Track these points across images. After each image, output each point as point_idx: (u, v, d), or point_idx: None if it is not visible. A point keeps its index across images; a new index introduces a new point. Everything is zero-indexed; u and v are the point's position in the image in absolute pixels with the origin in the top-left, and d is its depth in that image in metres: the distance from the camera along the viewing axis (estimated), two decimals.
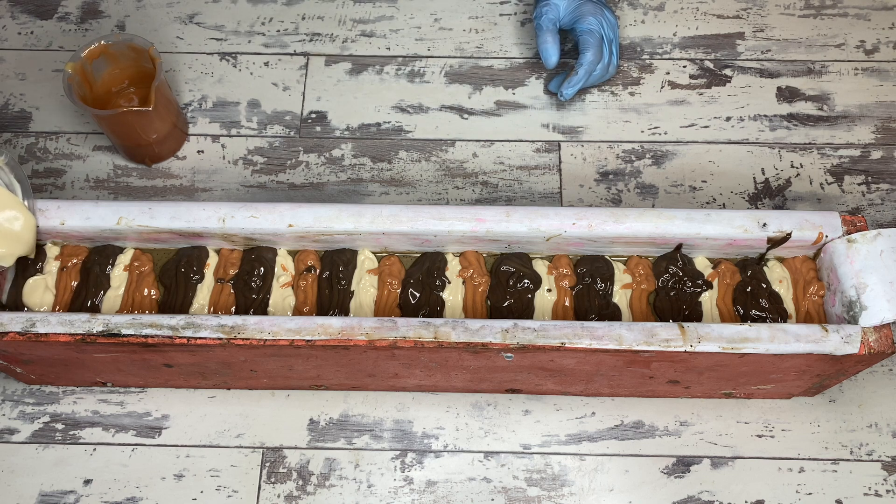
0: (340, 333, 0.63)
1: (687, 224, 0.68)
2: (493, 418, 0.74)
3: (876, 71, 0.89)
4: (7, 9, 0.93)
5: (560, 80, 0.85)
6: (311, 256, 0.70)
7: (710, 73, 0.89)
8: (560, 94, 0.83)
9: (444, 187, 0.84)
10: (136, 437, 0.73)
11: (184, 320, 0.63)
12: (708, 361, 0.64)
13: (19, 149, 0.85)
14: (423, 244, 0.70)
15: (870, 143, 0.85)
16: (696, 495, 0.71)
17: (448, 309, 0.69)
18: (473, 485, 0.72)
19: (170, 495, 0.71)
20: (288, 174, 0.84)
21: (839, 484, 0.71)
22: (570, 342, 0.62)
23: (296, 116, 0.87)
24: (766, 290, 0.69)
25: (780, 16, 0.92)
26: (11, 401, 0.75)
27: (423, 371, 0.68)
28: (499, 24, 0.92)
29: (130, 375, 0.71)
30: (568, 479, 0.72)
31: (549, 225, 0.67)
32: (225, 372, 0.70)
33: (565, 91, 0.82)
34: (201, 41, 0.91)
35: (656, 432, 0.74)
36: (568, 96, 0.82)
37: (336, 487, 0.72)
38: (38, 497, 0.71)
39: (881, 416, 0.74)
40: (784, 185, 0.83)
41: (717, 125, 0.86)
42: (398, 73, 0.89)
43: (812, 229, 0.67)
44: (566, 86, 0.82)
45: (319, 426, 0.74)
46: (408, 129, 0.87)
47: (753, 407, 0.74)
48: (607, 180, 0.84)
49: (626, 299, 0.70)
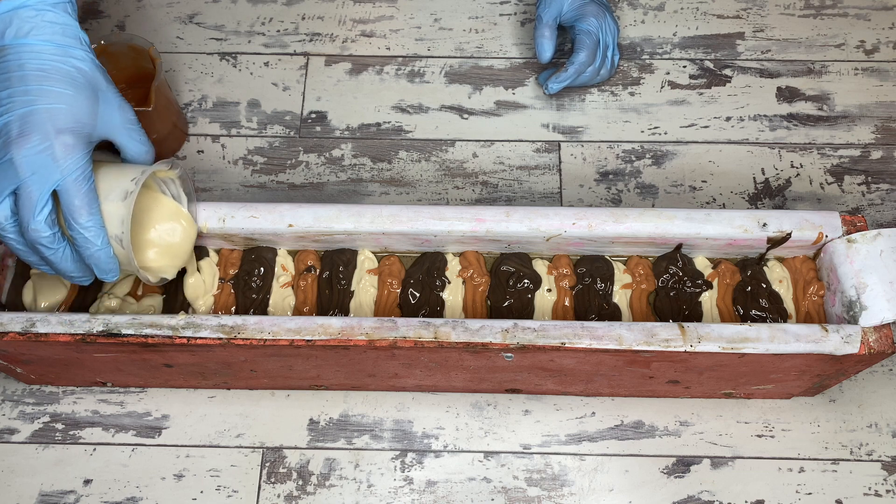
0: (340, 333, 0.63)
1: (687, 224, 0.68)
2: (493, 418, 0.74)
3: (876, 71, 0.89)
4: None
5: (549, 74, 0.86)
6: (311, 256, 0.70)
7: (710, 73, 0.89)
8: (546, 88, 0.84)
9: (444, 187, 0.84)
10: (136, 437, 0.73)
11: (184, 320, 0.63)
12: (708, 361, 0.64)
13: None
14: (423, 244, 0.70)
15: (870, 143, 0.85)
16: (696, 495, 0.71)
17: (448, 309, 0.69)
18: (473, 485, 0.72)
19: (170, 495, 0.71)
20: (288, 174, 0.84)
21: (839, 484, 0.71)
22: (570, 342, 0.62)
23: (296, 116, 0.87)
24: (766, 290, 0.69)
25: (780, 16, 0.92)
26: (11, 401, 0.75)
27: (423, 371, 0.68)
28: (499, 24, 0.92)
29: (130, 375, 0.71)
30: (568, 479, 0.72)
31: (549, 225, 0.67)
32: (225, 372, 0.70)
33: (551, 85, 0.83)
34: (201, 41, 0.91)
35: (656, 432, 0.74)
36: (552, 91, 0.84)
37: (336, 487, 0.72)
38: (38, 497, 0.71)
39: (881, 416, 0.74)
40: (784, 185, 0.83)
41: (717, 125, 0.86)
42: (398, 73, 0.89)
43: (812, 229, 0.67)
44: (553, 80, 0.83)
45: (319, 426, 0.74)
46: (408, 129, 0.87)
47: (753, 407, 0.74)
48: (607, 180, 0.84)
49: (626, 299, 0.70)
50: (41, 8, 0.58)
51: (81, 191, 0.57)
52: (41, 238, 0.57)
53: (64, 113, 0.57)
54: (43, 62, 0.58)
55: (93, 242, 0.58)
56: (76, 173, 0.57)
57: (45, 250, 0.58)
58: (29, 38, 0.58)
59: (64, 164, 0.56)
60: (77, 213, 0.57)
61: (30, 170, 0.56)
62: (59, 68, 0.58)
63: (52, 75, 0.58)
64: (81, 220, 0.57)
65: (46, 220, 0.57)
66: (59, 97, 0.57)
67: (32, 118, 0.56)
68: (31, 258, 0.60)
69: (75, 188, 0.57)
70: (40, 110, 0.57)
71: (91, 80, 0.60)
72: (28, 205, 0.56)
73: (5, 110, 0.57)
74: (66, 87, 0.58)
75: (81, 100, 0.58)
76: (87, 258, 0.59)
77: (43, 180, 0.56)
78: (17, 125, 0.56)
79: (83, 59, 0.59)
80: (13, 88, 0.57)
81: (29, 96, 0.57)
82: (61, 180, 0.56)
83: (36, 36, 0.58)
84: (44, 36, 0.58)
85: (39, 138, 0.56)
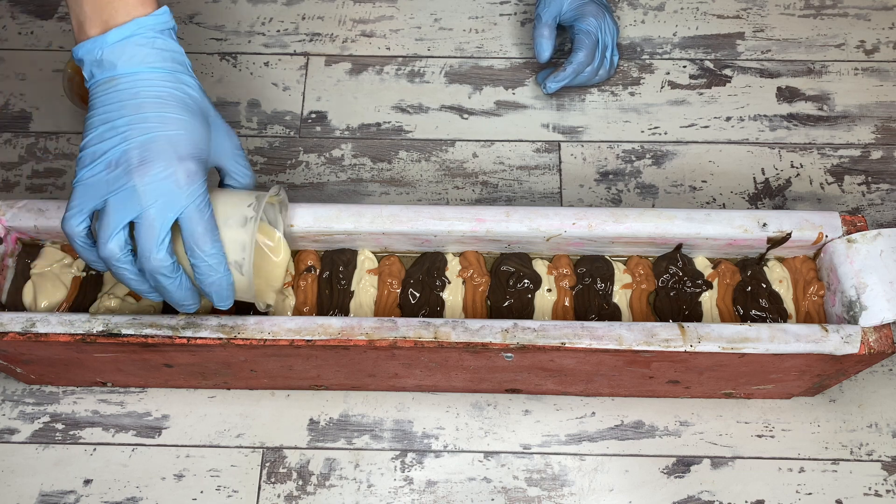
0: (340, 333, 0.63)
1: (687, 224, 0.68)
2: (493, 418, 0.74)
3: (876, 71, 0.89)
4: (7, 9, 0.93)
5: (547, 74, 0.86)
6: (311, 256, 0.70)
7: (710, 73, 0.89)
8: (544, 87, 0.84)
9: (444, 187, 0.84)
10: (136, 437, 0.73)
11: (184, 320, 0.63)
12: (708, 361, 0.64)
13: (19, 149, 0.85)
14: (423, 244, 0.70)
15: (870, 143, 0.85)
16: (696, 495, 0.71)
17: (448, 309, 0.69)
18: (473, 485, 0.72)
19: (170, 495, 0.71)
20: (288, 174, 0.84)
21: (839, 484, 0.71)
22: (570, 342, 0.62)
23: (296, 116, 0.87)
24: (766, 290, 0.69)
25: (780, 16, 0.92)
26: (11, 401, 0.75)
27: (423, 371, 0.68)
28: (499, 24, 0.92)
29: (130, 375, 0.71)
30: (568, 479, 0.72)
31: (549, 225, 0.67)
32: (225, 372, 0.70)
33: (550, 84, 0.83)
34: (201, 41, 0.91)
35: (656, 432, 0.74)
36: (551, 90, 0.84)
37: (336, 487, 0.72)
38: (38, 497, 0.71)
39: (881, 416, 0.74)
40: (784, 185, 0.83)
41: (717, 125, 0.86)
42: (398, 73, 0.89)
43: (812, 229, 0.67)
44: (552, 79, 0.83)
45: (319, 426, 0.74)
46: (408, 129, 0.87)
47: (753, 407, 0.74)
48: (607, 180, 0.84)
49: (626, 299, 0.70)
50: (151, 36, 0.57)
51: (204, 218, 0.56)
52: (163, 268, 0.55)
53: (184, 139, 0.56)
54: (158, 90, 0.56)
55: (216, 270, 0.57)
56: (199, 200, 0.55)
57: (164, 280, 0.56)
58: (141, 67, 0.56)
59: (188, 191, 0.55)
60: (201, 240, 0.56)
61: (153, 198, 0.54)
62: (174, 95, 0.57)
63: (169, 102, 0.56)
64: (206, 247, 0.56)
65: (168, 248, 0.55)
66: (178, 124, 0.56)
67: (153, 145, 0.55)
68: (141, 287, 0.58)
69: (198, 215, 0.55)
70: (161, 137, 0.55)
71: (202, 107, 0.59)
72: (150, 234, 0.54)
73: (124, 138, 0.55)
74: (182, 114, 0.57)
75: (198, 126, 0.57)
76: (208, 286, 0.57)
77: (167, 208, 0.54)
78: (138, 153, 0.54)
79: (193, 87, 0.58)
80: (130, 116, 0.55)
81: (148, 123, 0.55)
82: (185, 207, 0.55)
83: (148, 64, 0.56)
84: (155, 63, 0.57)
85: (163, 165, 0.54)
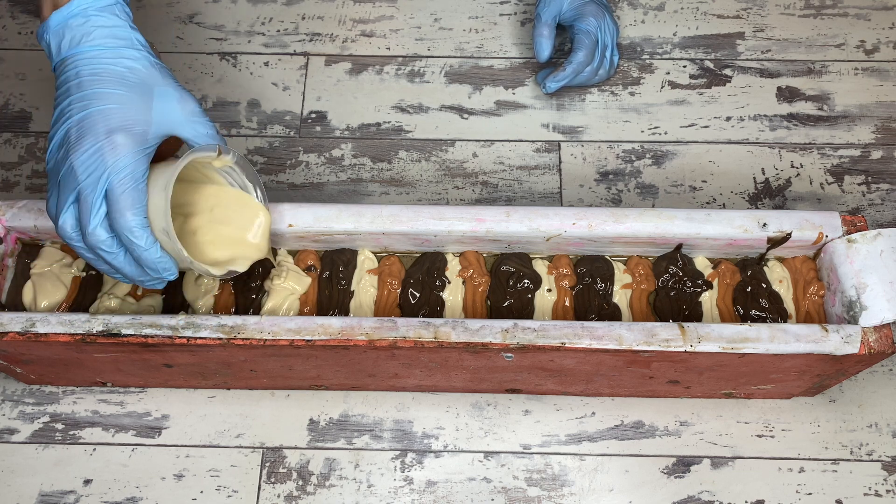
0: (340, 333, 0.63)
1: (687, 224, 0.68)
2: (493, 418, 0.74)
3: (876, 71, 0.89)
4: (7, 9, 0.93)
5: (547, 73, 0.86)
6: (311, 256, 0.70)
7: (710, 73, 0.89)
8: (543, 87, 0.84)
9: (444, 187, 0.84)
10: (136, 437, 0.73)
11: (184, 320, 0.63)
12: (708, 361, 0.64)
13: (19, 149, 0.85)
14: (423, 244, 0.70)
15: (870, 143, 0.85)
16: (696, 495, 0.71)
17: (448, 309, 0.69)
18: (473, 485, 0.72)
19: (170, 495, 0.71)
20: (288, 174, 0.84)
21: (839, 484, 0.71)
22: (570, 342, 0.62)
23: (296, 116, 0.87)
24: (766, 290, 0.69)
25: (780, 16, 0.92)
26: (11, 401, 0.75)
27: (423, 371, 0.68)
28: (499, 24, 0.92)
29: (130, 375, 0.71)
30: (568, 479, 0.72)
31: (549, 225, 0.67)
32: (225, 372, 0.70)
33: (549, 84, 0.84)
34: (201, 41, 0.91)
35: (656, 432, 0.74)
36: (550, 90, 0.84)
37: (336, 487, 0.72)
38: (38, 497, 0.71)
39: (881, 416, 0.74)
40: (784, 185, 0.83)
41: (717, 125, 0.86)
42: (398, 73, 0.89)
43: (812, 229, 0.67)
44: (551, 79, 0.83)
45: (319, 426, 0.74)
46: (408, 129, 0.87)
47: (753, 407, 0.74)
48: (607, 180, 0.84)
49: (626, 299, 0.70)
50: (89, 14, 0.58)
51: (126, 189, 0.56)
52: (99, 243, 0.56)
53: (116, 112, 0.57)
54: (95, 66, 0.57)
55: (136, 243, 0.56)
56: (123, 172, 0.56)
57: (106, 255, 0.57)
58: (82, 46, 0.58)
59: (111, 164, 0.55)
60: (120, 213, 0.56)
61: (85, 173, 0.55)
62: (111, 70, 0.58)
63: (105, 78, 0.57)
64: (123, 220, 0.56)
65: (102, 223, 0.56)
66: (109, 98, 0.57)
67: (86, 122, 0.56)
68: (101, 266, 0.58)
69: (120, 187, 0.56)
70: (94, 113, 0.56)
71: (144, 78, 0.59)
72: (84, 209, 0.55)
73: (66, 118, 0.57)
74: (117, 88, 0.57)
75: (134, 98, 0.58)
76: (137, 260, 0.58)
77: (95, 181, 0.55)
78: (76, 130, 0.56)
79: (136, 59, 0.59)
80: (72, 96, 0.57)
81: (85, 101, 0.57)
82: (108, 180, 0.55)
83: (88, 42, 0.58)
84: (95, 41, 0.58)
85: (91, 140, 0.56)
